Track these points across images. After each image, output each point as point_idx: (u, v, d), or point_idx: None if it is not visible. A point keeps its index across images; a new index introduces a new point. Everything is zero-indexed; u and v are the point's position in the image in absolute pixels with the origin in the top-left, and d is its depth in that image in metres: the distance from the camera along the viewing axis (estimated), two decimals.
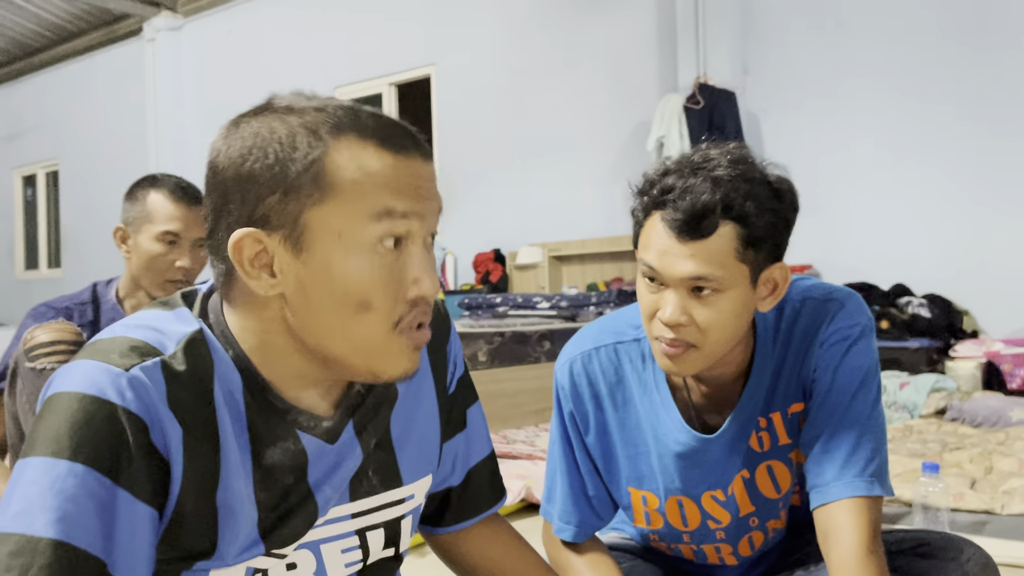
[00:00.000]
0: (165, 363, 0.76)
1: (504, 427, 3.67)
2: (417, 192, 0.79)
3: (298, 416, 0.84)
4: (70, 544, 0.68)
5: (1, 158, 10.65)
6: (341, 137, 0.76)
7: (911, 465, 2.53)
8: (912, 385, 3.82)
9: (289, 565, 0.86)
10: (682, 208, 1.03)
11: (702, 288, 1.06)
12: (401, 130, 0.80)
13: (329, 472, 0.86)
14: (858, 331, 1.16)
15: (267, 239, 0.76)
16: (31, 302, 10.16)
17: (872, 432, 1.14)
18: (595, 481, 1.28)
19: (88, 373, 0.73)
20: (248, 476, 0.81)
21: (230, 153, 0.77)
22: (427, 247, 0.81)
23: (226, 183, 0.77)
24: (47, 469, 0.70)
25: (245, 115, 0.80)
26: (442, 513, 1.07)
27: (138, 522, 0.73)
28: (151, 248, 1.79)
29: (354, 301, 0.77)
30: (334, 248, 0.76)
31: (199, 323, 0.81)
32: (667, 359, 1.10)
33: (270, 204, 0.75)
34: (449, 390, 1.02)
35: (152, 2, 8.52)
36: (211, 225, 0.80)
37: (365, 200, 0.76)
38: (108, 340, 0.77)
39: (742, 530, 1.27)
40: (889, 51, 4.91)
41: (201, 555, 0.79)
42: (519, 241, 6.30)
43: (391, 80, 7.21)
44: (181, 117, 8.53)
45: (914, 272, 4.76)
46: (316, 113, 0.77)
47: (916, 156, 4.83)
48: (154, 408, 0.74)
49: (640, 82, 5.77)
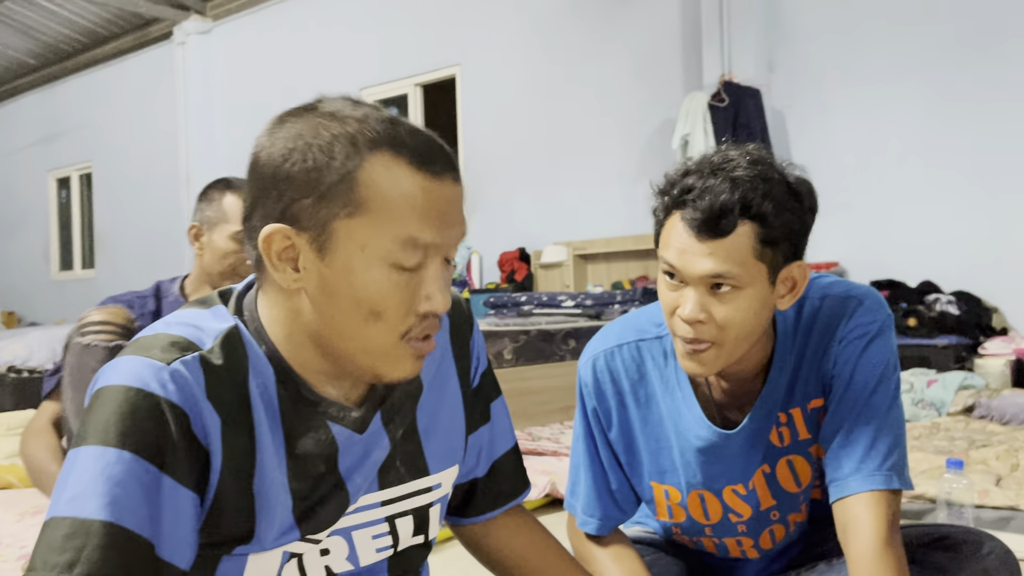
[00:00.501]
0: (203, 357, 0.81)
1: (529, 424, 3.70)
2: (443, 219, 0.81)
3: (328, 407, 0.88)
4: (120, 526, 0.73)
5: (36, 161, 10.84)
6: (377, 152, 0.79)
7: (936, 462, 2.53)
8: (940, 383, 3.80)
9: (323, 550, 0.90)
10: (701, 207, 1.06)
11: (721, 285, 1.08)
12: (437, 150, 0.82)
13: (359, 461, 0.90)
14: (876, 327, 1.18)
15: (296, 237, 0.80)
16: (66, 303, 10.36)
17: (891, 427, 1.15)
18: (618, 475, 1.31)
19: (133, 368, 0.78)
20: (282, 465, 0.85)
21: (272, 151, 0.81)
22: (445, 263, 0.85)
23: (265, 178, 0.81)
24: (97, 457, 0.74)
25: (291, 113, 0.83)
26: (468, 504, 1.10)
27: (182, 506, 0.77)
28: (225, 246, 1.90)
29: (367, 309, 0.81)
30: (356, 257, 0.79)
31: (234, 320, 0.86)
32: (688, 359, 1.13)
33: (303, 206, 0.79)
34: (473, 384, 1.05)
35: (182, 6, 8.64)
36: (247, 212, 0.84)
37: (392, 222, 0.79)
38: (150, 337, 0.82)
39: (763, 523, 1.29)
40: (914, 46, 4.87)
41: (240, 540, 0.83)
42: (544, 240, 6.33)
43: (417, 80, 7.26)
44: (211, 119, 8.64)
45: (942, 269, 4.73)
46: (357, 123, 0.80)
47: (944, 151, 4.80)
48: (194, 400, 0.78)
49: (665, 80, 5.77)
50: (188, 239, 1.96)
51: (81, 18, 9.24)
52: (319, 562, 0.90)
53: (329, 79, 7.68)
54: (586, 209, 6.17)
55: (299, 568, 0.89)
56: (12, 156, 11.19)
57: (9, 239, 11.29)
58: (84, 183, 10.43)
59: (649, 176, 1.24)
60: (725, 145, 1.13)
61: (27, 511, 2.39)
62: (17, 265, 11.13)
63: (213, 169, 8.48)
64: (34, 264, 10.88)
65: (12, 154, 11.19)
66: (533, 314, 4.96)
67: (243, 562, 0.85)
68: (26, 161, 10.96)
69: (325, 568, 0.91)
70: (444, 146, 0.84)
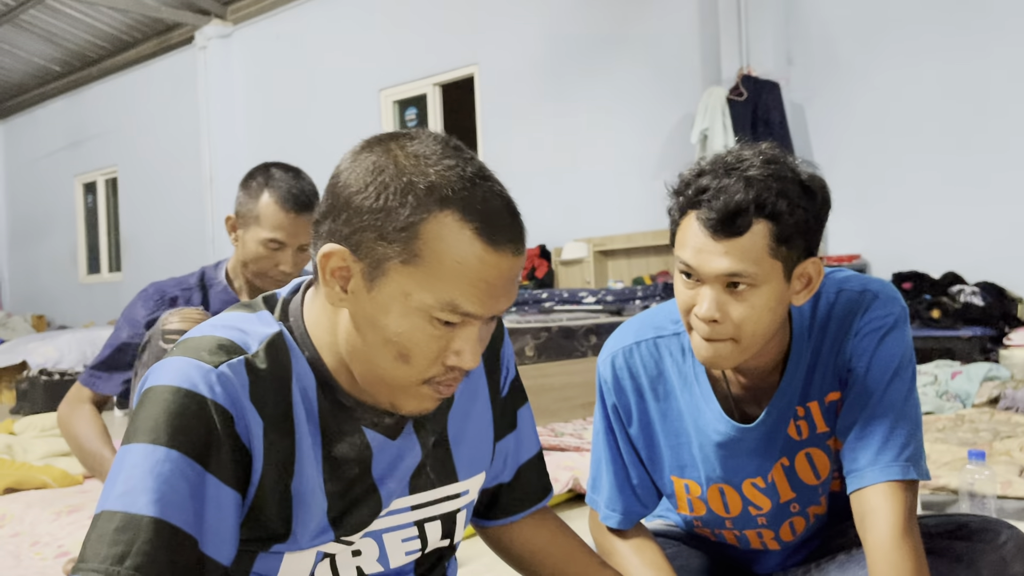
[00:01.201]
0: (248, 361, 0.84)
1: (552, 420, 3.72)
2: (490, 292, 0.82)
3: (364, 413, 0.91)
4: (168, 522, 0.77)
5: (63, 166, 11.00)
6: (446, 210, 0.80)
7: (960, 454, 2.53)
8: (964, 374, 3.78)
9: (355, 551, 0.93)
10: (716, 207, 1.07)
11: (737, 284, 1.10)
12: (506, 219, 0.83)
13: (391, 466, 0.93)
14: (892, 320, 1.19)
15: (352, 262, 0.83)
16: (94, 306, 10.49)
17: (907, 418, 1.17)
18: (639, 470, 1.33)
19: (182, 369, 0.81)
20: (319, 467, 0.88)
21: (350, 178, 0.83)
22: (487, 323, 0.87)
23: (340, 198, 0.83)
24: (147, 455, 0.78)
25: (379, 141, 0.85)
26: (493, 507, 1.13)
27: (224, 504, 0.81)
28: (256, 250, 1.82)
29: (397, 350, 0.83)
30: (398, 302, 0.82)
31: (279, 325, 0.89)
32: (706, 353, 1.14)
33: (366, 238, 0.81)
34: (502, 393, 1.08)
35: (202, 11, 8.73)
36: (319, 217, 0.86)
37: (438, 283, 0.80)
38: (198, 339, 0.85)
39: (783, 516, 1.31)
40: (934, 34, 4.83)
41: (278, 538, 0.86)
42: (564, 237, 6.34)
43: (435, 80, 7.29)
44: (233, 122, 8.73)
45: (965, 260, 4.69)
46: (436, 176, 0.81)
47: (965, 141, 4.76)
48: (239, 402, 0.82)
49: (683, 75, 5.76)
50: (225, 228, 1.89)
51: (105, 25, 9.36)
52: (351, 562, 0.93)
53: (349, 80, 7.73)
54: (606, 205, 6.18)
55: (332, 568, 0.92)
56: (40, 162, 11.36)
57: (38, 244, 11.46)
58: (110, 187, 10.57)
59: (668, 172, 1.26)
60: (739, 144, 1.15)
61: (62, 510, 2.45)
62: (46, 269, 11.30)
63: (236, 171, 8.56)
64: (62, 268, 11.04)
65: (39, 160, 11.36)
66: (554, 311, 4.98)
67: (279, 560, 0.88)
68: (53, 167, 11.12)
69: (356, 568, 0.94)
70: (517, 215, 0.84)
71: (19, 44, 9.88)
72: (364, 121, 7.62)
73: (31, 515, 2.46)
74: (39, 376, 6.00)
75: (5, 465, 2.85)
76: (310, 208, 1.83)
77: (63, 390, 5.83)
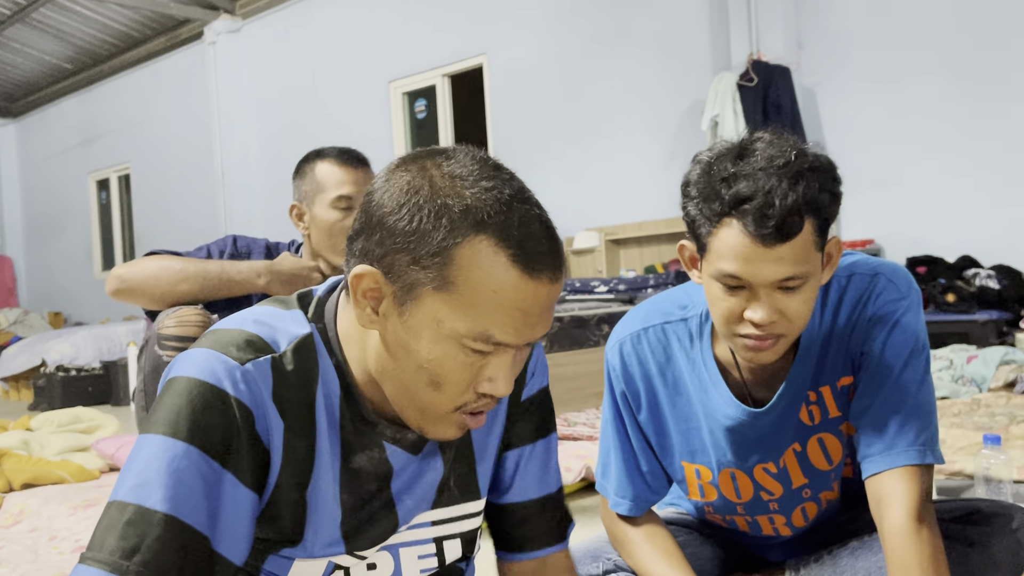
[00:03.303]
0: (275, 361, 0.83)
1: (565, 410, 3.72)
2: (526, 320, 0.79)
3: (386, 428, 0.89)
4: (179, 519, 0.76)
5: (76, 164, 11.06)
6: (481, 235, 0.77)
7: (975, 438, 2.51)
8: (980, 358, 3.74)
9: (369, 565, 0.92)
10: (771, 215, 1.02)
11: (790, 286, 1.07)
12: (543, 245, 0.79)
13: (411, 482, 0.92)
14: (905, 304, 1.18)
15: (384, 284, 0.80)
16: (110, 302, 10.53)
17: (922, 402, 1.16)
18: (648, 457, 1.32)
19: (207, 361, 0.80)
20: (336, 477, 0.87)
21: (384, 197, 0.80)
22: (520, 350, 0.82)
23: (374, 216, 0.81)
24: (165, 448, 0.77)
25: (415, 159, 0.82)
26: (502, 538, 1.06)
27: (240, 503, 0.80)
28: (328, 216, 1.77)
29: (428, 377, 0.81)
30: (430, 328, 0.79)
31: (311, 327, 0.87)
32: (753, 353, 1.12)
33: (399, 260, 0.79)
34: (522, 397, 1.02)
35: (211, 6, 8.74)
36: (354, 234, 0.83)
37: (473, 311, 0.78)
38: (228, 331, 0.84)
39: (795, 501, 1.30)
40: (947, 16, 4.78)
41: (289, 542, 0.86)
42: (576, 226, 6.33)
43: (444, 71, 7.28)
44: (244, 116, 8.75)
45: (981, 243, 4.64)
46: (472, 199, 0.78)
47: (978, 121, 4.70)
48: (262, 401, 0.81)
49: (692, 61, 5.72)
50: (292, 222, 1.83)
51: (114, 22, 9.39)
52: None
53: (358, 72, 7.73)
54: (617, 194, 6.16)
55: None
56: (53, 160, 11.43)
57: (53, 241, 11.55)
58: (123, 184, 10.63)
59: (679, 159, 1.24)
60: (750, 136, 1.11)
61: (79, 505, 2.47)
62: (62, 266, 11.38)
63: (247, 165, 8.60)
64: (78, 265, 11.12)
65: (53, 158, 11.43)
66: (566, 300, 4.97)
67: (288, 564, 0.87)
68: (67, 164, 11.19)
69: None
70: (555, 239, 0.81)
71: (31, 43, 9.93)
72: (374, 112, 7.62)
73: (48, 510, 2.49)
74: (56, 373, 6.05)
75: (22, 461, 2.88)
76: (367, 163, 1.81)
77: (80, 386, 5.90)
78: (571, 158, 6.45)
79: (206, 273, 1.74)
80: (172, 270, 1.73)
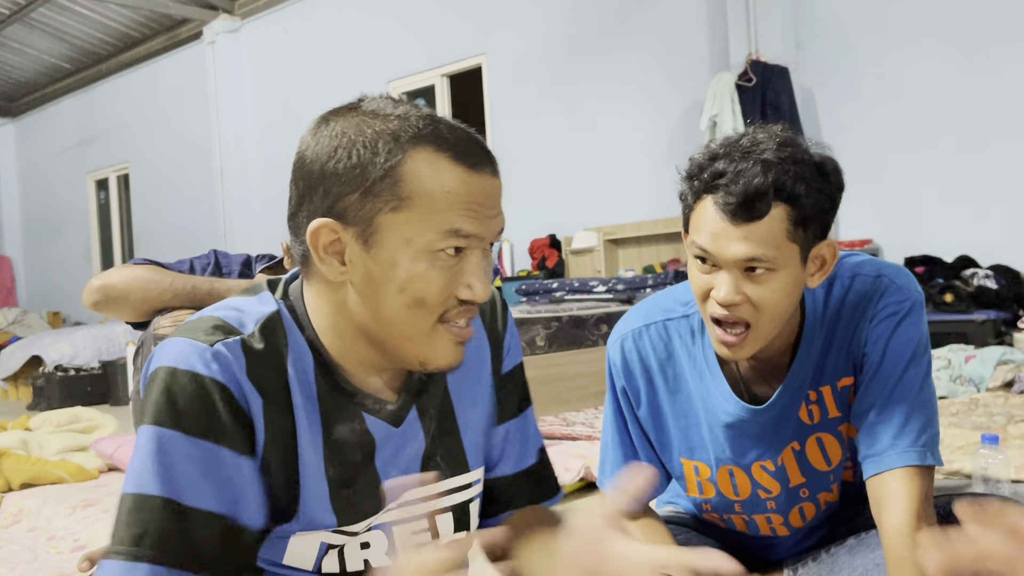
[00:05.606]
0: (244, 341, 0.84)
1: (563, 410, 3.72)
2: (484, 211, 0.84)
3: (364, 399, 0.90)
4: (176, 500, 0.78)
5: (75, 164, 11.06)
6: (419, 147, 0.81)
7: (973, 438, 2.51)
8: (978, 358, 3.75)
9: (363, 544, 0.93)
10: (735, 192, 1.06)
11: (755, 268, 1.09)
12: (475, 145, 0.85)
13: (394, 454, 0.92)
14: (908, 306, 1.18)
15: (342, 231, 0.82)
16: None
17: (923, 404, 1.16)
18: (647, 452, 1.33)
19: (179, 349, 0.82)
20: (318, 450, 0.88)
21: (317, 149, 0.83)
22: (486, 254, 0.87)
23: (311, 175, 0.83)
24: (154, 436, 0.80)
25: (334, 112, 0.86)
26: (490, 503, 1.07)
27: (244, 472, 0.82)
28: None
29: (411, 297, 0.83)
30: (402, 250, 0.82)
31: (278, 304, 0.89)
32: (724, 346, 1.14)
33: (349, 201, 0.82)
34: (502, 371, 1.05)
35: (210, 6, 8.74)
36: (293, 209, 0.86)
37: (436, 215, 0.81)
38: (196, 320, 0.86)
39: (793, 501, 1.31)
40: (944, 19, 4.78)
41: (283, 518, 0.86)
42: (574, 226, 6.33)
43: (443, 71, 7.28)
44: (242, 116, 8.75)
45: (979, 243, 4.65)
46: (398, 120, 0.82)
47: (976, 123, 4.71)
48: (236, 378, 0.82)
49: (691, 61, 5.73)
50: None
51: (113, 22, 9.38)
52: (359, 555, 0.93)
53: (356, 72, 7.73)
54: (615, 194, 6.16)
55: (339, 560, 0.91)
56: (52, 159, 11.43)
57: (53, 241, 11.54)
58: (122, 184, 10.62)
59: (678, 159, 1.25)
60: (752, 128, 1.14)
61: (78, 505, 2.47)
62: (61, 266, 11.37)
63: (246, 165, 8.60)
64: (77, 265, 11.11)
65: (52, 157, 11.42)
66: (565, 300, 4.98)
67: (284, 545, 0.88)
68: (66, 164, 11.18)
69: (364, 561, 0.93)
70: (482, 141, 0.86)
71: (29, 42, 9.92)
72: None
73: (47, 510, 2.49)
74: (55, 372, 6.05)
75: (21, 460, 2.88)
76: None
77: (79, 386, 5.90)
78: (570, 157, 6.46)
79: (195, 289, 1.71)
80: (161, 285, 1.68)
